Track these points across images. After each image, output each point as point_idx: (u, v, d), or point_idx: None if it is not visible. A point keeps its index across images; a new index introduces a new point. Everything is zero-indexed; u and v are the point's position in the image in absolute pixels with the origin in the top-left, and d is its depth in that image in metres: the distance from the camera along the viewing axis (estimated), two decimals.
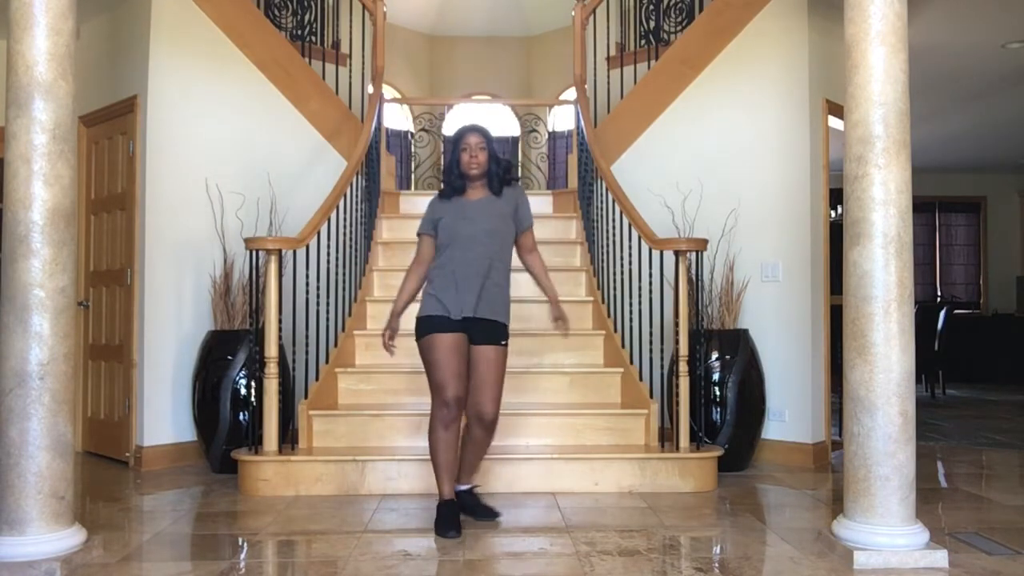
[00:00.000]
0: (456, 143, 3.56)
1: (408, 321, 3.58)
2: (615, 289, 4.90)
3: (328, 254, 4.62)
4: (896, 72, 3.02)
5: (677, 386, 4.27)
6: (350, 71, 6.01)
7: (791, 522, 3.64)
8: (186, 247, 4.88)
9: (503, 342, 3.50)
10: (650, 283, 4.47)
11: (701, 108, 5.28)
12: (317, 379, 4.53)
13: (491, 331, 3.47)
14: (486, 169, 3.53)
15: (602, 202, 5.19)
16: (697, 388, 4.39)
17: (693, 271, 4.38)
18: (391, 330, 3.55)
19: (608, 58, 6.16)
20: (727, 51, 5.19)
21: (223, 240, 4.86)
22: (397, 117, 8.66)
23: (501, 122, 9.47)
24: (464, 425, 3.53)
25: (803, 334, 4.85)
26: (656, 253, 4.52)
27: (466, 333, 3.43)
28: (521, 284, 5.30)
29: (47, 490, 2.87)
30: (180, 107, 4.90)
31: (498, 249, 3.51)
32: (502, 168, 3.57)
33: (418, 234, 3.66)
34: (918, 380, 7.11)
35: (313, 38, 5.85)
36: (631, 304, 4.64)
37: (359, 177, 5.22)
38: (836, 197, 4.77)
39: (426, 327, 3.43)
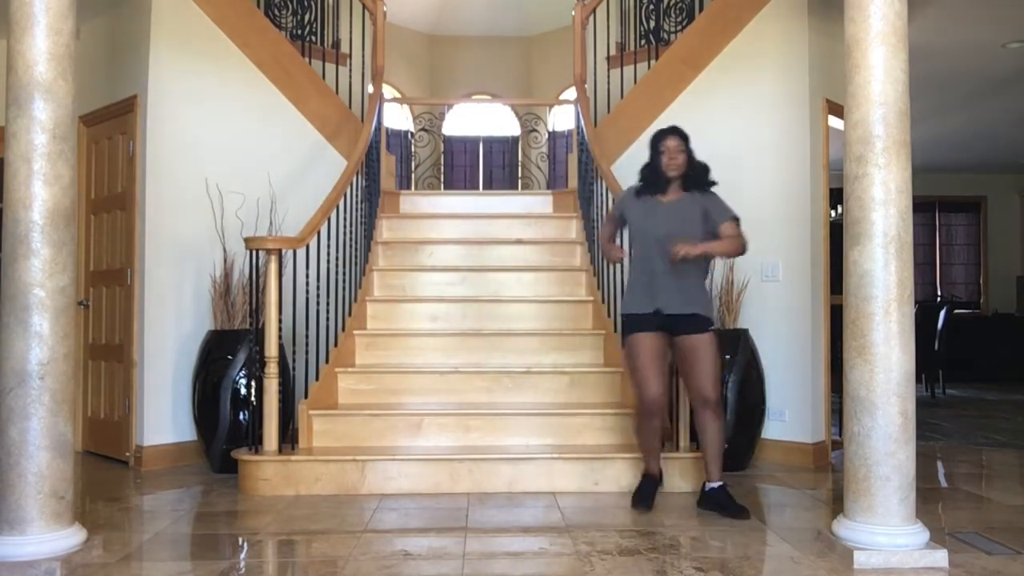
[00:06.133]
0: (655, 146, 3.76)
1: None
2: (615, 289, 4.89)
3: (328, 254, 4.61)
4: (896, 72, 3.02)
5: (677, 386, 4.27)
6: (350, 71, 6.01)
7: (791, 522, 3.64)
8: (186, 247, 4.87)
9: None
10: None
11: (701, 108, 5.27)
12: (317, 379, 4.53)
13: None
14: (684, 172, 3.71)
15: (602, 202, 5.19)
16: None
17: None
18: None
19: (608, 58, 6.16)
20: (727, 51, 5.19)
21: (223, 240, 4.86)
22: (397, 117, 8.67)
23: (501, 122, 9.49)
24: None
25: (803, 334, 4.85)
26: None
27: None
28: (511, 284, 5.34)
29: (47, 490, 2.87)
30: (180, 107, 4.90)
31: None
32: (697, 171, 3.74)
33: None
34: (918, 380, 7.10)
35: (313, 38, 5.85)
36: None
37: (359, 177, 5.21)
38: (836, 197, 4.77)
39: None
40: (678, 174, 3.70)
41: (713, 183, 3.76)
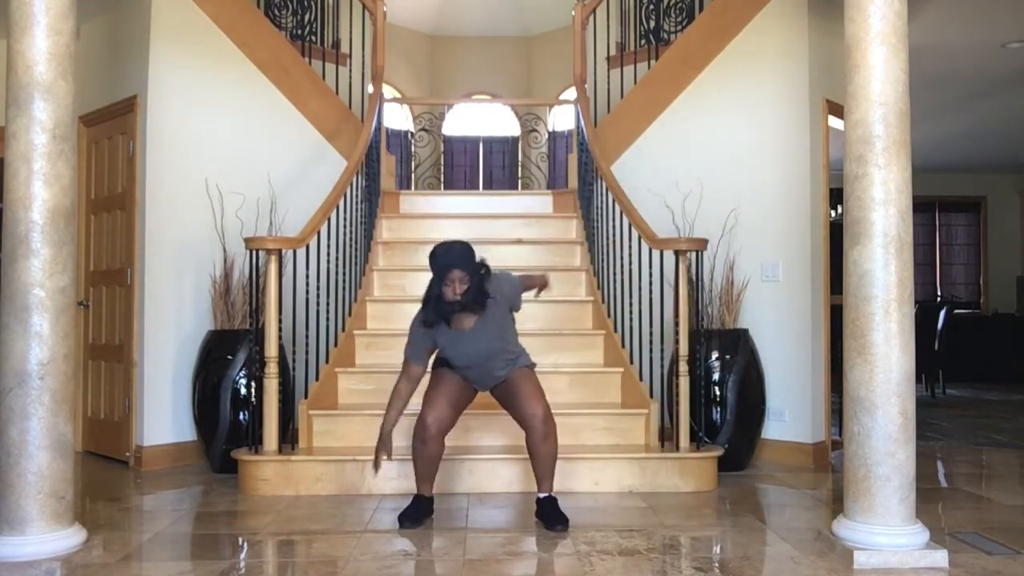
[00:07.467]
0: (438, 275, 3.38)
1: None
2: (615, 289, 4.89)
3: (328, 254, 4.62)
4: (896, 72, 3.02)
5: (677, 386, 4.27)
6: (350, 71, 6.01)
7: (791, 522, 3.64)
8: (186, 247, 4.87)
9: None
10: (650, 283, 4.47)
11: (701, 108, 5.28)
12: (317, 379, 4.53)
13: None
14: (472, 299, 3.37)
15: (602, 202, 5.19)
16: (697, 388, 4.39)
17: (693, 271, 4.38)
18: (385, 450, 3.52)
19: (608, 58, 6.16)
20: (727, 51, 5.19)
21: (223, 240, 4.86)
22: (397, 117, 8.67)
23: (501, 122, 9.49)
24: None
25: (803, 334, 4.85)
26: (656, 253, 4.51)
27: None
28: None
29: (47, 490, 2.87)
30: (180, 107, 4.90)
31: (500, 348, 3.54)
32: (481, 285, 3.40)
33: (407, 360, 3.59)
34: (918, 380, 7.11)
35: (313, 38, 5.85)
36: (631, 304, 4.64)
37: (359, 177, 5.22)
38: (836, 197, 4.77)
39: None
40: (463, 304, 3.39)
41: (485, 294, 3.41)
